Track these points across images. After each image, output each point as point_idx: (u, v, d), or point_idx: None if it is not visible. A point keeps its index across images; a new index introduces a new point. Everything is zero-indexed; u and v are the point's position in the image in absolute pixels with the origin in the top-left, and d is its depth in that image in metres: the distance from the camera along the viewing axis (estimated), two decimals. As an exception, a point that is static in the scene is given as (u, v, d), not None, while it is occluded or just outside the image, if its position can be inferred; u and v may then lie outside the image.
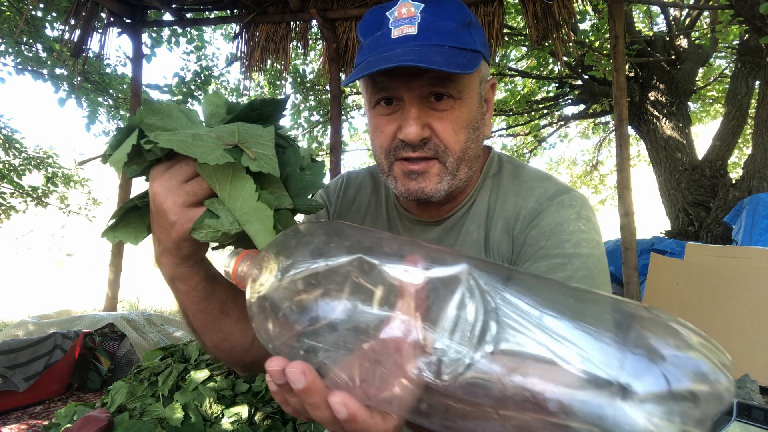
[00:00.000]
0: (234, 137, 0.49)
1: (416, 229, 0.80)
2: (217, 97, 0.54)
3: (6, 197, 7.02)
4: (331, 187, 0.93)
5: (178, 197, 0.49)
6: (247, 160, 0.48)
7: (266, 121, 0.55)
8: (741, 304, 3.22)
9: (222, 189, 0.50)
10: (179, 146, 0.46)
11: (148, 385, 1.98)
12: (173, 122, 0.51)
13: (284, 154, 0.55)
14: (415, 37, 0.64)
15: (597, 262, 0.67)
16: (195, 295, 0.59)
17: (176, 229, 0.50)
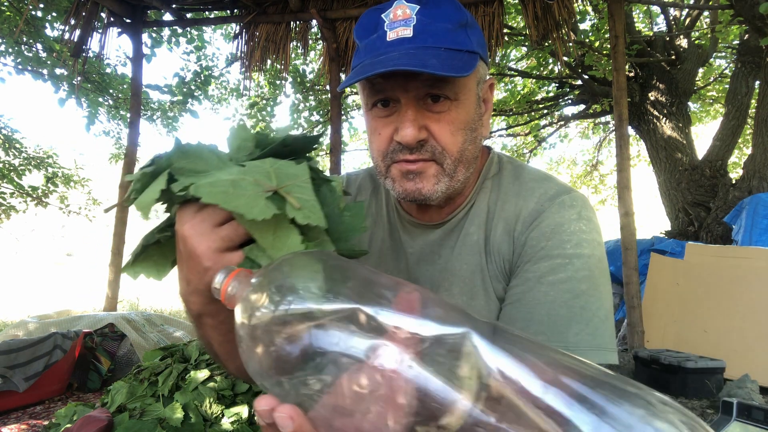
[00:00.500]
0: (271, 180, 0.46)
1: (416, 232, 0.79)
2: (244, 131, 0.52)
3: (6, 197, 7.02)
4: None
5: (213, 242, 0.47)
6: (293, 210, 0.46)
7: (298, 155, 0.53)
8: (741, 304, 3.22)
9: (263, 238, 0.47)
10: (224, 201, 0.43)
11: (148, 385, 1.98)
12: (203, 163, 0.48)
13: (320, 192, 0.52)
14: (410, 40, 0.64)
15: (598, 263, 0.67)
16: (222, 328, 0.58)
17: (210, 275, 0.48)
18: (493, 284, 0.71)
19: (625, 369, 3.22)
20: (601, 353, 0.63)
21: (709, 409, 2.49)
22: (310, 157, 0.55)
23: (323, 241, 0.50)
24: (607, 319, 0.65)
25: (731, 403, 1.52)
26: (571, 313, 0.64)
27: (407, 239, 0.80)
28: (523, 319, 0.66)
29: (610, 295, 0.68)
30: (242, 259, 0.48)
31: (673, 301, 3.62)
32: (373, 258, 0.81)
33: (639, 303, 3.32)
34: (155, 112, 7.93)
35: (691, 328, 3.43)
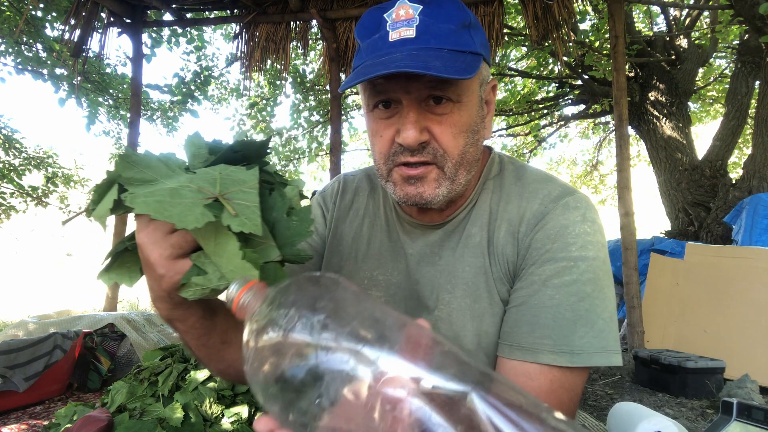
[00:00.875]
0: (215, 187, 0.46)
1: (416, 233, 0.79)
2: (197, 138, 0.52)
3: (6, 197, 7.02)
4: (328, 191, 0.92)
5: (164, 250, 0.48)
6: (228, 217, 0.46)
7: (251, 161, 0.53)
8: (741, 304, 3.22)
9: (206, 245, 0.48)
10: (156, 210, 0.44)
11: (148, 385, 1.98)
12: (152, 172, 0.48)
13: (270, 198, 0.53)
14: (413, 41, 0.63)
15: (602, 265, 0.67)
16: (194, 333, 0.59)
17: (165, 281, 0.50)
18: (497, 286, 0.71)
19: (625, 369, 3.22)
20: (606, 356, 0.63)
21: (709, 409, 2.49)
22: (265, 162, 0.55)
23: (267, 247, 0.50)
24: (611, 321, 0.65)
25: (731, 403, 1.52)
26: (576, 316, 0.64)
27: (407, 240, 0.79)
28: (528, 322, 0.65)
29: (614, 297, 0.68)
30: (190, 266, 0.49)
31: (673, 301, 3.62)
32: (372, 259, 0.81)
33: (639, 303, 3.32)
34: (155, 112, 7.93)
35: (691, 328, 3.43)
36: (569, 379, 0.63)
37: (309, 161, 9.19)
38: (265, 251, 0.50)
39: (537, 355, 0.63)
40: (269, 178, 0.54)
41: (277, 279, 0.50)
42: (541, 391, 0.62)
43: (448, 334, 0.71)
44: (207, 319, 0.59)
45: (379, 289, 0.79)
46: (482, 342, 0.69)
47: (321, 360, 0.33)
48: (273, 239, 0.51)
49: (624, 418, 1.77)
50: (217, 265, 0.48)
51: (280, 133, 8.79)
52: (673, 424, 1.62)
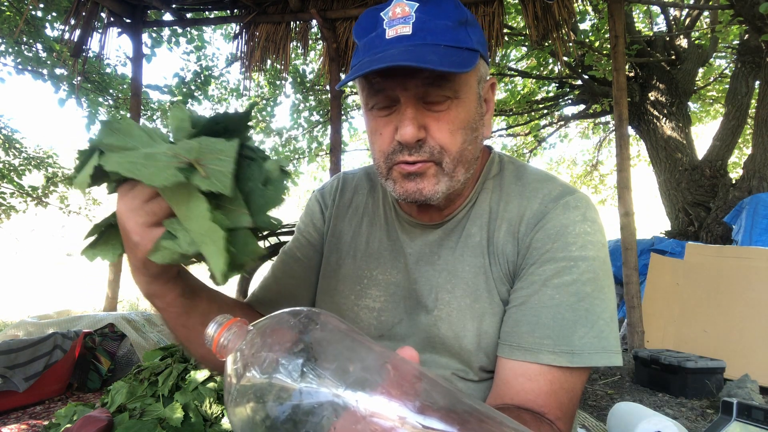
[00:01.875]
0: (191, 154, 0.47)
1: (416, 232, 0.79)
2: (180, 110, 0.52)
3: (6, 197, 7.02)
4: (327, 188, 0.91)
5: (140, 217, 0.49)
6: (198, 178, 0.46)
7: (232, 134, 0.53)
8: (741, 304, 3.22)
9: (179, 209, 0.49)
10: (126, 169, 0.44)
11: (148, 385, 1.98)
12: (133, 141, 0.49)
13: (248, 169, 0.53)
14: (409, 37, 0.63)
15: (602, 265, 0.67)
16: (173, 311, 0.59)
17: (140, 249, 0.50)
18: (497, 286, 0.71)
19: (625, 369, 3.22)
20: (606, 356, 0.63)
21: (709, 409, 2.49)
22: (248, 137, 0.55)
23: (240, 214, 0.50)
24: (611, 321, 0.65)
25: (731, 403, 1.52)
26: (576, 316, 0.64)
27: (406, 239, 0.79)
28: (528, 322, 0.65)
29: (614, 296, 0.68)
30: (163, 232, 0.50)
31: (673, 301, 3.62)
32: (371, 258, 0.81)
33: (639, 303, 3.32)
34: (155, 112, 7.93)
35: (691, 328, 3.43)
36: (569, 379, 0.63)
37: (309, 161, 9.18)
38: (237, 217, 0.50)
39: (537, 355, 0.63)
40: (251, 154, 0.54)
41: (247, 247, 0.50)
42: (540, 392, 0.62)
43: (448, 334, 0.71)
44: (187, 298, 0.59)
45: (378, 288, 0.78)
46: (482, 342, 0.69)
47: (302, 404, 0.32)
48: (247, 208, 0.51)
49: (624, 418, 1.77)
50: (188, 229, 0.49)
51: (280, 133, 8.78)
52: (673, 424, 1.62)
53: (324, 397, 0.32)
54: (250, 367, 0.36)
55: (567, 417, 0.63)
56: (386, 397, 0.31)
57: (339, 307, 0.80)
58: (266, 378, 0.34)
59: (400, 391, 0.32)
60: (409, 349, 0.39)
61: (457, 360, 0.71)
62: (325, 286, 0.84)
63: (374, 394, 0.31)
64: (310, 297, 0.85)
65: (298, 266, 0.86)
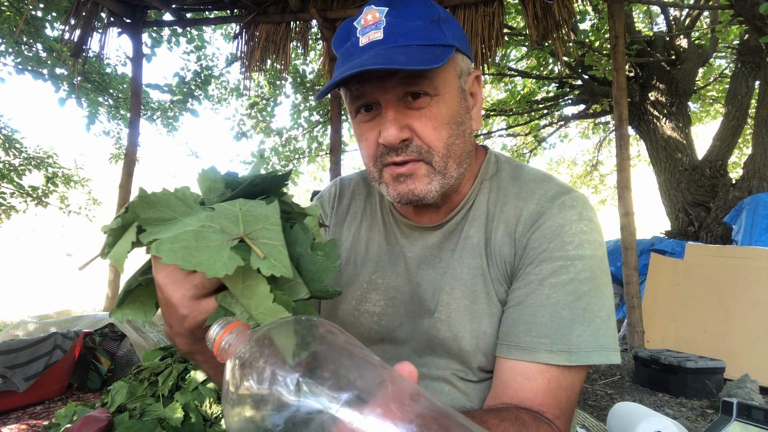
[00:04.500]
0: (238, 225, 0.45)
1: (414, 235, 0.79)
2: (213, 172, 0.51)
3: (6, 197, 7.02)
4: (325, 196, 0.92)
5: (187, 290, 0.47)
6: (257, 260, 0.44)
7: (268, 192, 0.52)
8: (741, 304, 3.22)
9: (234, 287, 0.47)
10: (184, 259, 0.42)
11: (148, 385, 1.98)
12: (171, 211, 0.47)
13: (292, 231, 0.51)
14: (382, 41, 0.64)
15: (599, 263, 0.67)
16: (213, 362, 0.58)
17: (189, 321, 0.49)
18: (495, 287, 0.71)
19: (625, 369, 3.22)
20: (604, 354, 0.63)
21: (709, 409, 2.49)
22: (283, 192, 0.54)
23: (296, 284, 0.49)
24: (609, 320, 0.66)
25: (731, 403, 1.52)
26: (573, 314, 0.64)
27: (406, 243, 0.79)
28: (525, 321, 0.65)
29: (612, 295, 0.68)
30: (216, 307, 0.48)
31: (673, 301, 3.62)
32: (371, 263, 0.81)
33: (639, 303, 3.32)
34: (155, 112, 7.93)
35: (691, 328, 3.43)
36: (567, 378, 0.63)
37: (309, 161, 9.18)
38: (293, 289, 0.49)
39: (535, 354, 0.63)
40: (287, 209, 0.53)
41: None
42: (539, 391, 0.62)
43: (447, 335, 0.71)
44: None
45: (378, 292, 0.79)
46: (480, 343, 0.70)
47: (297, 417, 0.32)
48: (299, 275, 0.50)
49: (624, 418, 1.77)
50: (246, 306, 0.47)
51: (280, 133, 8.78)
52: (673, 424, 1.62)
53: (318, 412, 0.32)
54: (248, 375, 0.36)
55: (565, 416, 0.63)
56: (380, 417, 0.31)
57: (341, 313, 0.80)
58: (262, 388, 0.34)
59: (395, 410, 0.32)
60: (408, 365, 0.38)
61: (456, 361, 0.72)
62: None
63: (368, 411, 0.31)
64: (314, 307, 0.86)
65: None
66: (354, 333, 0.79)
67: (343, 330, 0.40)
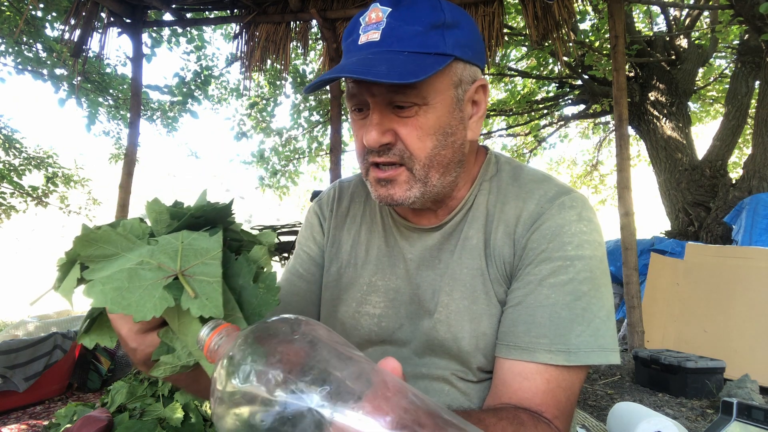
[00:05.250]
0: (176, 261, 0.45)
1: (414, 237, 0.79)
2: (157, 204, 0.50)
3: (6, 197, 7.02)
4: (324, 199, 0.92)
5: (132, 325, 0.48)
6: (187, 300, 0.43)
7: (215, 222, 0.52)
8: (741, 304, 3.22)
9: (171, 322, 0.47)
10: (113, 302, 0.42)
11: (148, 385, 1.98)
12: (112, 247, 0.47)
13: (236, 263, 0.51)
14: (377, 44, 0.63)
15: (599, 264, 0.67)
16: (182, 382, 0.59)
17: (138, 354, 0.50)
18: (495, 288, 0.71)
19: (625, 369, 3.22)
20: (603, 354, 0.63)
21: (709, 409, 2.49)
22: (230, 221, 0.53)
23: (235, 319, 0.48)
24: (608, 320, 0.66)
25: (731, 403, 1.52)
26: (572, 315, 0.64)
27: (405, 245, 0.79)
28: (524, 322, 0.65)
29: (611, 295, 0.68)
30: (159, 342, 0.48)
31: (673, 301, 3.62)
32: (371, 265, 0.81)
33: (639, 303, 3.32)
34: (155, 112, 7.93)
35: (691, 328, 3.43)
36: (566, 378, 0.63)
37: (309, 161, 9.18)
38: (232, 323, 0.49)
39: (534, 354, 0.63)
40: (237, 237, 0.53)
41: None
42: (538, 391, 0.62)
43: (447, 336, 0.71)
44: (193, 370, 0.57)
45: (378, 294, 0.79)
46: (480, 343, 0.70)
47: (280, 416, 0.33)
48: (240, 309, 0.49)
49: (624, 418, 1.77)
50: (183, 342, 0.47)
51: (280, 133, 8.78)
52: (673, 424, 1.62)
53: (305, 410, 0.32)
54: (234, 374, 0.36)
55: (565, 415, 0.63)
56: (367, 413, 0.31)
57: (341, 315, 0.80)
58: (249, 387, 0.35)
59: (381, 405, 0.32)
60: (392, 361, 0.38)
61: (455, 361, 0.72)
62: (328, 297, 0.84)
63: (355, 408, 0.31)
64: (315, 312, 0.86)
65: (302, 282, 0.86)
66: (354, 335, 0.79)
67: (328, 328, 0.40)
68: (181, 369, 0.49)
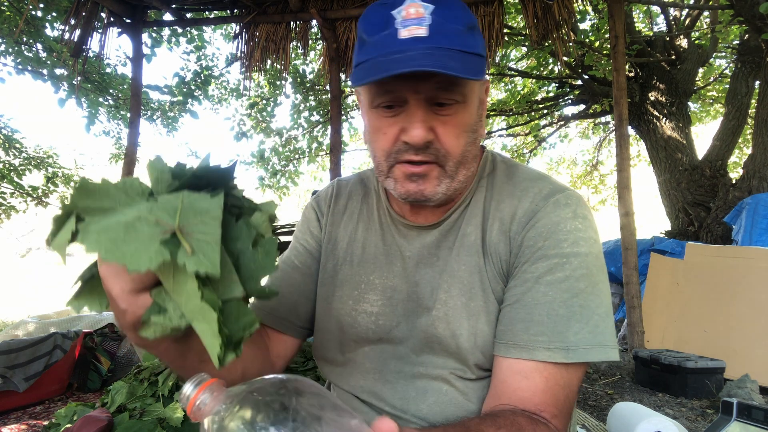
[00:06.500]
0: (174, 218, 0.43)
1: (412, 234, 0.79)
2: (159, 162, 0.49)
3: (6, 197, 7.02)
4: (322, 196, 0.92)
5: (125, 284, 0.46)
6: (184, 256, 0.42)
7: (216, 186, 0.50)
8: (741, 304, 3.22)
9: (166, 281, 0.46)
10: (107, 250, 0.41)
11: (148, 385, 1.98)
12: (110, 201, 0.45)
13: (236, 227, 0.49)
14: (424, 40, 0.62)
15: (595, 260, 0.68)
16: (169, 356, 0.57)
17: (128, 315, 0.48)
18: (492, 285, 0.71)
19: (625, 369, 3.22)
20: (602, 351, 0.63)
21: (709, 409, 2.49)
22: (233, 186, 0.52)
23: (230, 283, 0.47)
24: (606, 317, 0.66)
25: (731, 403, 1.52)
26: (570, 312, 0.64)
27: (403, 242, 0.79)
28: (522, 320, 0.66)
29: (609, 292, 0.69)
30: (151, 302, 0.47)
31: (673, 301, 3.62)
32: (368, 263, 0.81)
33: (639, 303, 3.32)
34: (155, 112, 7.93)
35: (691, 328, 3.43)
36: (565, 375, 0.63)
37: (309, 161, 9.18)
38: (228, 287, 0.47)
39: (532, 352, 0.63)
40: (238, 203, 0.52)
41: (240, 320, 0.47)
42: (537, 390, 0.62)
43: (445, 333, 0.71)
44: (180, 343, 0.56)
45: (376, 292, 0.78)
46: (478, 340, 0.70)
47: None
48: (236, 273, 0.47)
49: (624, 418, 1.77)
50: (177, 303, 0.46)
51: (280, 133, 8.78)
52: (673, 424, 1.62)
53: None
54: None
55: (563, 414, 0.63)
56: None
57: (337, 313, 0.80)
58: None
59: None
60: (387, 423, 0.38)
61: (454, 359, 0.72)
62: (323, 293, 0.83)
63: None
64: (310, 306, 0.85)
65: (297, 274, 0.85)
66: (351, 333, 0.79)
67: (321, 390, 0.40)
68: (172, 331, 0.47)
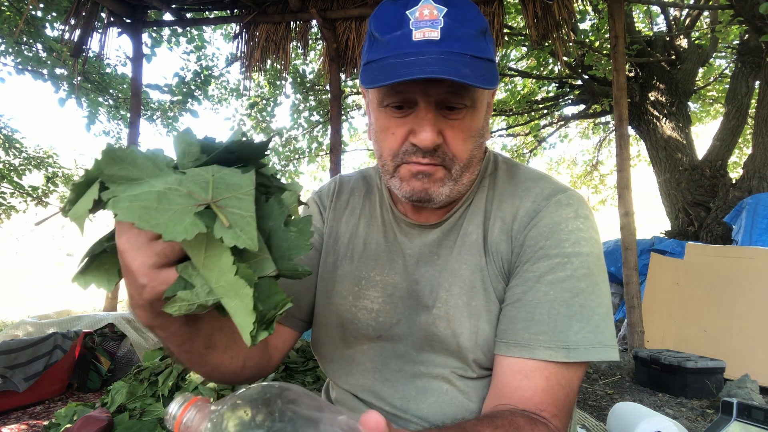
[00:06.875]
0: (207, 192, 0.42)
1: (413, 233, 0.79)
2: (188, 135, 0.47)
3: (6, 197, 7.02)
4: (324, 191, 0.92)
5: (148, 258, 0.44)
6: (221, 229, 0.41)
7: (247, 162, 0.49)
8: (741, 303, 3.21)
9: (195, 255, 0.44)
10: (141, 218, 0.39)
11: (148, 385, 1.98)
12: (138, 171, 0.44)
13: (266, 205, 0.48)
14: (437, 43, 0.62)
15: (596, 260, 0.68)
16: (176, 339, 0.56)
17: (148, 291, 0.45)
18: (493, 284, 0.71)
19: (625, 369, 3.22)
20: (602, 350, 0.63)
21: (709, 409, 2.49)
22: (262, 164, 0.51)
23: (263, 260, 0.46)
24: (607, 316, 0.66)
25: (731, 403, 1.52)
26: (571, 311, 0.64)
27: (405, 240, 0.79)
28: (523, 319, 0.66)
29: (609, 292, 0.69)
30: (176, 277, 0.45)
31: (673, 301, 3.62)
32: (368, 259, 0.81)
33: (639, 303, 3.32)
34: (155, 112, 7.93)
35: (691, 328, 3.43)
36: (565, 375, 0.64)
37: (309, 161, 9.18)
38: (260, 265, 0.46)
39: (533, 351, 0.63)
40: (266, 182, 0.51)
41: (271, 298, 0.46)
42: (537, 389, 0.63)
43: (446, 332, 0.71)
44: (190, 325, 0.55)
45: (376, 289, 0.79)
46: (479, 339, 0.70)
47: None
48: (269, 251, 0.47)
49: (624, 418, 1.77)
50: (206, 278, 0.44)
51: (280, 133, 8.78)
52: (673, 424, 1.62)
53: None
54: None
55: (563, 413, 0.64)
56: None
57: (337, 309, 0.80)
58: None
59: None
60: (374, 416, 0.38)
61: (455, 358, 0.72)
62: (323, 288, 0.83)
63: None
64: (310, 298, 0.85)
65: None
66: (352, 329, 0.79)
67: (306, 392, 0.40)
68: (198, 308, 0.46)
